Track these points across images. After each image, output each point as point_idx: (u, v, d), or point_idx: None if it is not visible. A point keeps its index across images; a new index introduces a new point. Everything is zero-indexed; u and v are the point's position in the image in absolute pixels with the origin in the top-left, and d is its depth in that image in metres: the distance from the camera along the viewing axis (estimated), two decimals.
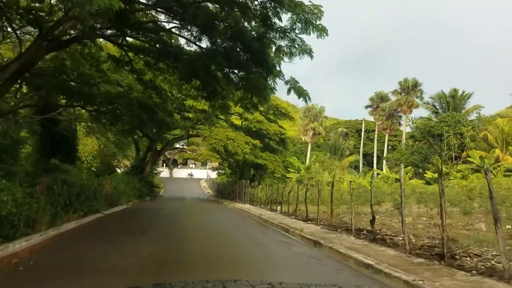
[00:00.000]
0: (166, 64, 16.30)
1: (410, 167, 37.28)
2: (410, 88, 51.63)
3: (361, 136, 70.80)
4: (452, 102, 45.37)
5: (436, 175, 29.29)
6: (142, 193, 30.70)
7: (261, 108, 34.23)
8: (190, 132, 35.73)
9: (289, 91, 13.38)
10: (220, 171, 46.53)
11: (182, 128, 20.67)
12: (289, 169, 33.45)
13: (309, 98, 13.37)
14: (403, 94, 52.21)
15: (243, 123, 34.59)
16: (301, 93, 13.09)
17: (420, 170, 36.71)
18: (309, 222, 14.04)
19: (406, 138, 51.85)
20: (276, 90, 14.85)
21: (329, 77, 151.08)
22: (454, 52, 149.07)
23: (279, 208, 20.20)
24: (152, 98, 18.46)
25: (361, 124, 74.88)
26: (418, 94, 51.44)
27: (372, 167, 63.07)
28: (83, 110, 23.23)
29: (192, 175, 69.37)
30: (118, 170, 52.26)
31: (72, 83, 18.24)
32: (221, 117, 29.94)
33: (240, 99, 15.09)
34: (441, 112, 45.28)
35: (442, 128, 37.03)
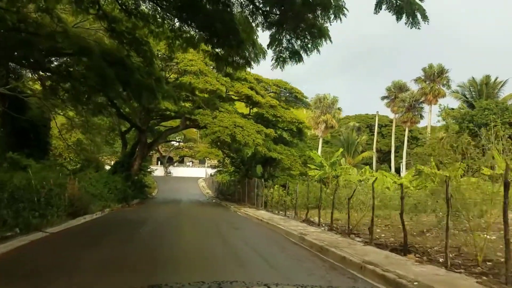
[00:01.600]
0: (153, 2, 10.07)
1: (460, 162, 30.95)
2: (436, 75, 45.67)
3: (372, 132, 64.89)
4: (485, 90, 39.34)
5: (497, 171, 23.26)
6: (127, 195, 24.45)
7: (274, 88, 28.12)
8: (188, 123, 29.52)
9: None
10: (221, 168, 40.20)
11: (174, 99, 15.10)
12: (308, 165, 27.33)
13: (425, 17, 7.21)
14: (427, 82, 46.22)
15: (252, 110, 28.40)
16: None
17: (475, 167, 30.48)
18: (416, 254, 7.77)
19: (429, 132, 45.86)
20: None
21: (333, 73, 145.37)
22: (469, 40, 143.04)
23: (313, 218, 14.03)
24: (130, 57, 12.17)
25: (373, 118, 69.03)
26: (445, 82, 45.51)
27: (386, 164, 57.04)
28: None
29: (170, 174, 62.99)
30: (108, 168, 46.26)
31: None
32: (233, 96, 23.66)
33: (273, 40, 8.83)
34: (472, 101, 39.27)
35: (487, 116, 30.94)
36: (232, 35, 8.72)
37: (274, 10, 8.84)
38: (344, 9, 7.79)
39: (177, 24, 10.10)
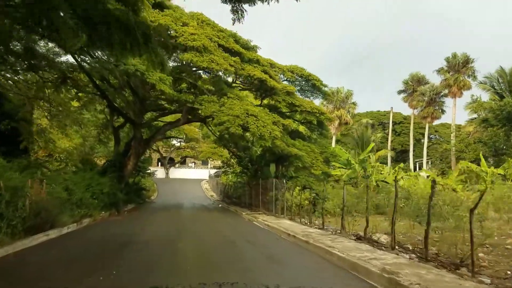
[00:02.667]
0: None
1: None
2: (460, 65, 41.45)
3: (385, 129, 60.83)
4: None
5: None
6: (117, 200, 20.30)
7: (288, 75, 23.94)
8: (189, 117, 25.42)
9: None
10: (226, 169, 36.02)
11: (163, 65, 11.33)
12: (333, 163, 23.12)
13: None
14: (451, 73, 41.97)
15: (264, 101, 24.23)
16: None
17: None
18: None
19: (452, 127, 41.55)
20: None
21: (337, 71, 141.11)
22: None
23: (374, 234, 9.80)
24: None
25: (385, 115, 64.97)
26: (470, 73, 41.28)
27: (402, 162, 52.74)
28: None
29: (167, 175, 58.81)
30: None
31: None
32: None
33: None
34: (503, 93, 35.01)
35: None
36: None
37: None
38: None
39: None
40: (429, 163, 47.71)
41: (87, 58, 20.62)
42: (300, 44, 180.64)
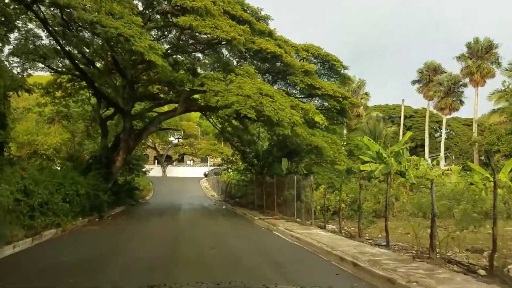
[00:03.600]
0: None
1: None
2: (483, 51, 37.78)
3: (394, 123, 57.15)
4: None
5: None
6: (100, 202, 16.55)
7: (303, 54, 20.11)
8: (186, 106, 21.72)
9: None
10: (229, 165, 32.25)
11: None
12: (360, 156, 19.38)
13: None
14: (473, 60, 38.30)
15: (275, 84, 20.48)
16: None
17: None
18: None
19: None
20: None
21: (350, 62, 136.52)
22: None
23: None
24: None
25: (395, 109, 61.42)
26: (494, 60, 37.62)
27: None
28: None
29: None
30: None
31: None
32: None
33: None
34: None
35: None
36: None
37: None
38: None
39: None
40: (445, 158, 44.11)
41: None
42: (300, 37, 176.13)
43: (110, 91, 22.40)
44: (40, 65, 22.65)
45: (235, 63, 20.72)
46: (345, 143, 19.41)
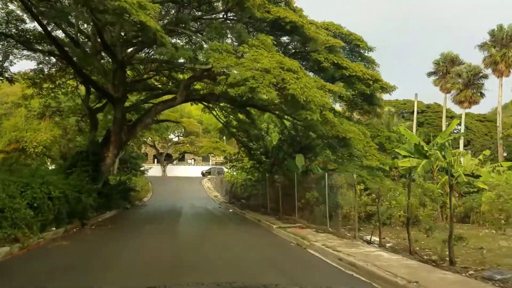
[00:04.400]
0: None
1: None
2: (508, 39, 34.66)
3: (404, 119, 54.05)
4: None
5: None
6: (83, 207, 13.50)
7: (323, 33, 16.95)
8: (186, 93, 18.80)
9: None
10: (234, 163, 29.14)
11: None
12: (396, 150, 16.25)
13: None
14: (496, 48, 35.18)
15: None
16: None
17: None
18: None
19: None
20: None
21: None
22: None
23: None
24: None
25: (405, 104, 58.35)
26: None
27: None
28: None
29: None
30: None
31: None
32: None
33: None
34: None
35: None
36: None
37: None
38: None
39: None
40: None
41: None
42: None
43: (99, 78, 19.38)
44: (25, 52, 19.78)
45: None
46: (373, 134, 16.30)
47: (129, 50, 17.70)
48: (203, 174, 54.13)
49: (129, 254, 7.94)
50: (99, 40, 16.65)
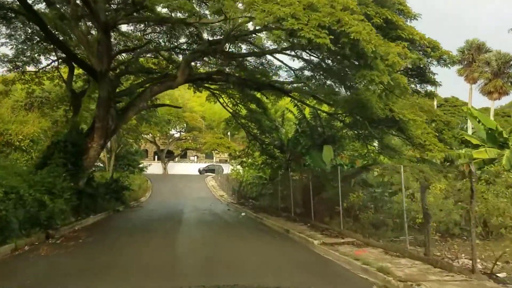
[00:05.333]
0: None
1: None
2: None
3: None
4: None
5: None
6: (49, 214, 9.79)
7: None
8: (187, 72, 15.17)
9: None
10: (243, 159, 25.33)
11: None
12: (465, 136, 12.49)
13: None
14: None
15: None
16: None
17: None
18: None
19: None
20: None
21: None
22: None
23: None
24: None
25: None
26: None
27: None
28: None
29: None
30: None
31: None
32: None
33: None
34: None
35: None
36: None
37: None
38: None
39: None
40: None
41: None
42: None
43: (82, 53, 15.67)
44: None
45: None
46: (428, 118, 12.52)
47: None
48: (200, 172, 50.44)
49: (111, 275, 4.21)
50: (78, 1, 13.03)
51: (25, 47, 17.56)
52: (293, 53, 14.42)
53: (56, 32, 14.86)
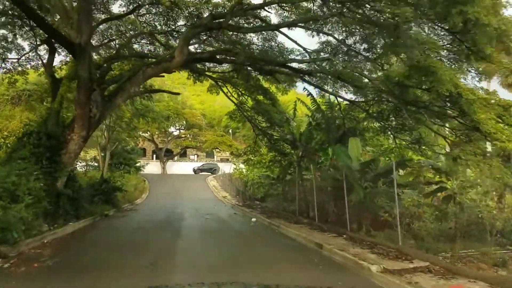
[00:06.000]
0: None
1: None
2: None
3: None
4: None
5: None
6: (4, 225, 7.16)
7: None
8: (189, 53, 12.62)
9: None
10: (248, 156, 22.71)
11: None
12: None
13: None
14: None
15: None
16: None
17: None
18: None
19: None
20: None
21: None
22: None
23: None
24: None
25: None
26: None
27: None
28: None
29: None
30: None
31: None
32: None
33: None
34: None
35: None
36: None
37: None
38: None
39: None
40: None
41: None
42: None
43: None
44: None
45: None
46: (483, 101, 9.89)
47: None
48: (195, 172, 47.79)
49: None
50: None
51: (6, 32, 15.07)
52: (313, 26, 11.88)
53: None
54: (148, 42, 17.80)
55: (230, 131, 57.04)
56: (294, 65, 13.45)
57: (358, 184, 11.84)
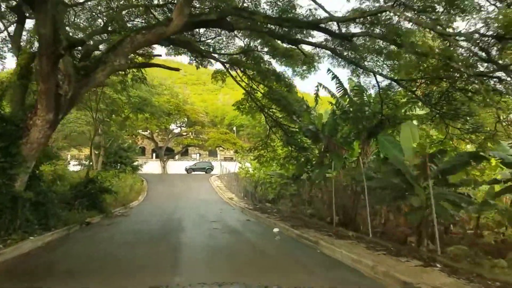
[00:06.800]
0: None
1: None
2: None
3: None
4: None
5: None
6: None
7: None
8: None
9: None
10: (260, 152, 19.45)
11: None
12: None
13: None
14: None
15: None
16: None
17: None
18: None
19: None
20: None
21: None
22: None
23: None
24: None
25: None
26: None
27: None
28: None
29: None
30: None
31: None
32: None
33: None
34: None
35: None
36: None
37: None
38: None
39: None
40: None
41: None
42: None
43: None
44: None
45: None
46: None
47: None
48: (187, 171, 44.68)
49: None
50: None
51: None
52: None
53: None
54: (143, 21, 14.68)
55: (234, 129, 53.90)
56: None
57: (418, 184, 8.75)
